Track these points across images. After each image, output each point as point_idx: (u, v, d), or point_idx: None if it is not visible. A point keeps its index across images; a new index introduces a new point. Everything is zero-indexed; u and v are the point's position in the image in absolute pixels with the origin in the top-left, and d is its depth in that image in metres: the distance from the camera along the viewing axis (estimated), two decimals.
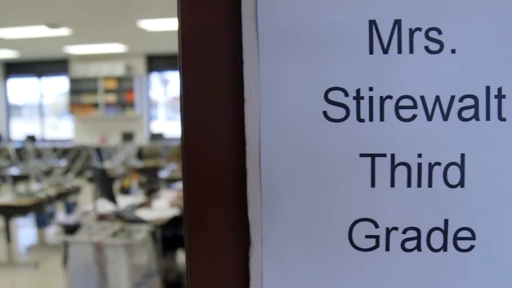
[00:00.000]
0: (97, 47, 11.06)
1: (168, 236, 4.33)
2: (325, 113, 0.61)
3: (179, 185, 5.68)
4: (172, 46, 11.03)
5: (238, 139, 0.65)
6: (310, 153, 0.62)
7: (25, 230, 7.70)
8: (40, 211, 5.89)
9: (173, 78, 13.46)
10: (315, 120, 0.61)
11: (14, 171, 7.91)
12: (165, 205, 4.64)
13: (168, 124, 13.32)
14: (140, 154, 10.23)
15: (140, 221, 4.03)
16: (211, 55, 0.65)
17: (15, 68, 13.57)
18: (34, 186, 6.01)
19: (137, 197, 4.88)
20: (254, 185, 0.63)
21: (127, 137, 12.39)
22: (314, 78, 0.61)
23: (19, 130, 14.06)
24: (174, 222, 4.38)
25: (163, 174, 6.29)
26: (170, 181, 5.70)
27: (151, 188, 5.06)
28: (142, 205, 4.60)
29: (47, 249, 6.43)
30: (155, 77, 13.17)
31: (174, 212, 4.39)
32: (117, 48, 11.21)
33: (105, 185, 4.30)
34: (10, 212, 5.76)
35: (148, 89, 12.88)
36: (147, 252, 3.71)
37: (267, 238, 0.63)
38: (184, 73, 0.66)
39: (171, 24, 8.09)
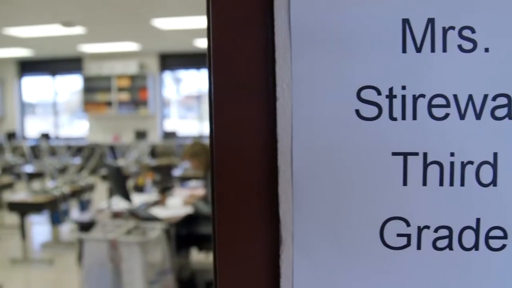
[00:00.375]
0: (111, 45, 11.11)
1: (182, 234, 4.35)
2: (357, 111, 0.61)
3: (193, 183, 5.70)
4: (185, 45, 11.08)
5: (269, 137, 0.65)
6: (342, 151, 0.62)
7: (39, 227, 7.75)
8: (54, 209, 5.93)
9: (186, 76, 13.51)
10: (348, 118, 0.62)
11: (29, 168, 7.98)
12: (179, 203, 4.65)
13: (181, 123, 13.35)
14: (153, 152, 10.27)
15: (154, 219, 4.05)
16: (242, 52, 0.65)
17: (29, 67, 13.66)
18: (49, 184, 6.04)
19: (151, 195, 4.89)
20: (285, 183, 0.63)
21: (140, 135, 12.43)
22: (346, 76, 0.61)
23: (33, 128, 14.16)
24: (187, 220, 4.40)
25: (177, 172, 6.31)
26: (183, 179, 5.72)
27: (165, 186, 5.08)
28: (156, 203, 4.61)
29: (61, 246, 6.48)
30: (168, 76, 13.21)
31: (187, 210, 4.41)
32: (131, 46, 11.26)
33: (120, 183, 4.32)
34: (25, 209, 5.80)
35: (161, 88, 12.92)
36: (161, 249, 3.72)
37: (298, 236, 0.64)
38: (215, 70, 0.66)
39: (184, 22, 8.11)
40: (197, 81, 13.03)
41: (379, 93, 0.61)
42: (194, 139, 4.71)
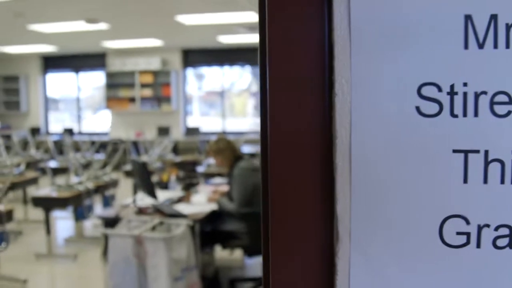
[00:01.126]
0: (134, 41, 11.18)
1: (206, 231, 4.36)
2: (417, 108, 0.61)
3: (217, 180, 5.71)
4: (208, 41, 11.10)
5: (325, 133, 0.65)
6: (402, 148, 0.61)
7: (63, 222, 7.83)
8: (78, 204, 5.98)
9: (208, 72, 13.52)
10: (408, 115, 0.61)
11: (53, 164, 8.05)
12: (203, 200, 4.66)
13: (203, 119, 13.38)
14: (176, 149, 10.30)
15: (179, 215, 4.06)
16: (299, 47, 0.65)
17: (53, 62, 13.80)
18: (73, 179, 6.09)
19: (175, 192, 4.91)
20: (343, 180, 0.63)
21: (163, 131, 12.48)
22: (407, 73, 0.61)
23: (56, 124, 14.30)
24: (212, 217, 4.41)
25: (201, 168, 6.32)
26: (207, 176, 5.73)
27: (189, 183, 5.09)
28: (180, 200, 4.63)
29: (85, 241, 6.53)
30: (190, 72, 13.24)
31: (212, 207, 4.41)
32: (154, 42, 11.31)
33: (145, 179, 4.34)
34: (49, 204, 5.86)
35: (184, 84, 12.95)
36: (186, 246, 3.73)
37: (355, 233, 0.63)
38: (270, 66, 0.66)
39: (208, 18, 8.12)
40: (219, 77, 13.04)
41: (440, 89, 0.60)
42: (218, 135, 4.70)
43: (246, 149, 9.11)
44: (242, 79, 13.54)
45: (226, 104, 13.02)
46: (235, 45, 11.73)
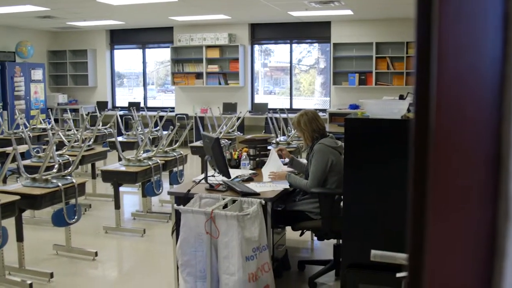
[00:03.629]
0: (202, 16, 11.10)
1: (277, 210, 4.23)
2: None
3: (288, 159, 5.55)
4: (277, 15, 10.90)
5: (493, 109, 0.61)
6: None
7: (130, 197, 7.90)
8: (147, 179, 5.97)
9: (276, 49, 13.34)
10: None
11: (120, 139, 8.11)
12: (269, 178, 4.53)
13: (266, 97, 13.24)
14: (241, 126, 10.21)
15: (251, 193, 3.94)
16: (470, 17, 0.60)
17: (120, 37, 13.94)
18: (142, 154, 6.08)
19: (246, 169, 4.79)
20: None
21: (229, 107, 12.43)
22: None
23: (122, 99, 14.50)
24: (283, 197, 4.27)
25: (272, 147, 6.15)
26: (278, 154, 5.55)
27: (260, 161, 4.96)
28: (251, 178, 4.51)
29: (152, 216, 6.54)
30: (257, 48, 13.09)
31: (283, 186, 4.27)
32: (222, 16, 11.20)
33: (218, 155, 4.23)
34: (118, 178, 5.87)
35: (251, 59, 12.82)
36: (258, 225, 3.60)
37: None
38: (440, 36, 0.60)
39: None
40: (286, 53, 12.83)
41: None
42: (303, 110, 4.55)
43: None
44: (309, 56, 13.31)
45: (294, 80, 12.82)
46: (305, 18, 11.50)
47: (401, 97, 4.64)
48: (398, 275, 2.15)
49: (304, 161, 4.81)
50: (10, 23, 12.23)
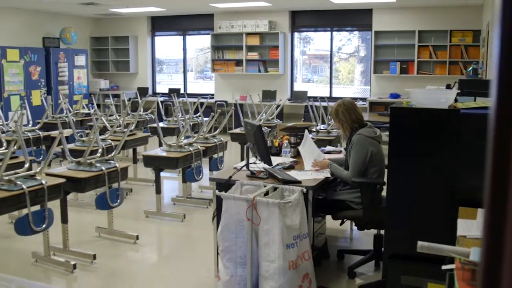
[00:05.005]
0: (242, 3, 11.08)
1: (318, 198, 4.21)
2: None
3: (329, 147, 5.54)
4: (318, 2, 10.80)
5: None
6: None
7: (170, 183, 7.98)
8: (187, 165, 6.02)
9: (316, 36, 13.24)
10: None
11: (161, 125, 8.18)
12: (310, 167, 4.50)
13: (304, 85, 13.17)
14: (280, 114, 10.18)
15: (293, 181, 3.93)
16: None
17: (161, 24, 14.05)
18: (182, 140, 6.13)
19: (287, 157, 4.78)
20: None
21: (269, 95, 12.42)
22: None
23: (162, 85, 14.62)
24: (325, 186, 4.25)
25: (312, 135, 6.12)
26: (319, 143, 5.53)
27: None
28: (292, 166, 4.50)
29: (192, 202, 6.60)
30: (297, 35, 13.01)
31: (325, 174, 4.25)
32: (262, 3, 11.16)
33: (260, 143, 4.23)
34: (160, 164, 5.93)
35: (291, 47, 12.75)
36: (299, 213, 3.59)
37: None
38: None
39: None
40: (326, 41, 12.73)
41: None
42: (341, 99, 4.50)
43: None
44: (349, 44, 13.17)
45: (334, 68, 12.72)
46: (346, 5, 11.38)
47: (448, 87, 4.56)
48: (444, 267, 2.12)
49: (339, 155, 4.82)
50: (55, 9, 12.45)
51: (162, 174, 6.28)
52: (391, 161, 3.32)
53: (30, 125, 7.63)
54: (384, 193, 3.94)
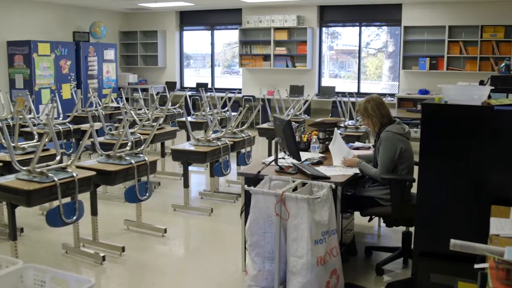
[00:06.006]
0: None
1: (347, 195, 4.19)
2: None
3: (357, 144, 5.51)
4: None
5: None
6: None
7: (198, 177, 8.02)
8: (215, 160, 6.03)
9: (344, 31, 13.14)
10: None
11: (189, 119, 8.21)
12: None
13: (332, 80, 13.08)
14: (307, 109, 10.13)
15: (322, 177, 3.91)
16: None
17: (189, 18, 14.10)
18: (211, 135, 6.15)
19: (315, 153, 4.77)
20: None
21: (296, 90, 12.39)
22: None
23: (189, 79, 14.68)
24: (353, 182, 4.23)
25: (341, 130, 6.10)
26: (347, 139, 5.50)
27: (329, 145, 4.92)
28: (321, 161, 4.48)
29: (219, 196, 6.62)
30: (325, 30, 12.94)
31: (354, 170, 4.23)
32: None
33: (289, 138, 4.23)
34: (188, 158, 5.96)
35: (319, 42, 12.69)
36: (328, 209, 3.58)
37: None
38: None
39: None
40: (354, 36, 12.63)
41: None
42: (370, 95, 4.47)
43: None
44: (377, 39, 13.05)
45: (359, 65, 12.62)
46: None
47: (481, 83, 4.48)
48: (477, 266, 2.09)
49: (368, 151, 4.79)
50: (85, 4, 12.58)
51: (190, 168, 6.31)
52: (422, 158, 3.28)
53: (60, 119, 7.73)
54: (413, 190, 3.91)
